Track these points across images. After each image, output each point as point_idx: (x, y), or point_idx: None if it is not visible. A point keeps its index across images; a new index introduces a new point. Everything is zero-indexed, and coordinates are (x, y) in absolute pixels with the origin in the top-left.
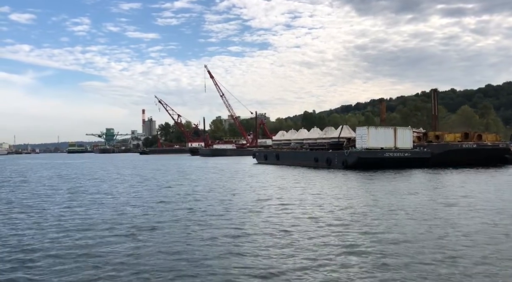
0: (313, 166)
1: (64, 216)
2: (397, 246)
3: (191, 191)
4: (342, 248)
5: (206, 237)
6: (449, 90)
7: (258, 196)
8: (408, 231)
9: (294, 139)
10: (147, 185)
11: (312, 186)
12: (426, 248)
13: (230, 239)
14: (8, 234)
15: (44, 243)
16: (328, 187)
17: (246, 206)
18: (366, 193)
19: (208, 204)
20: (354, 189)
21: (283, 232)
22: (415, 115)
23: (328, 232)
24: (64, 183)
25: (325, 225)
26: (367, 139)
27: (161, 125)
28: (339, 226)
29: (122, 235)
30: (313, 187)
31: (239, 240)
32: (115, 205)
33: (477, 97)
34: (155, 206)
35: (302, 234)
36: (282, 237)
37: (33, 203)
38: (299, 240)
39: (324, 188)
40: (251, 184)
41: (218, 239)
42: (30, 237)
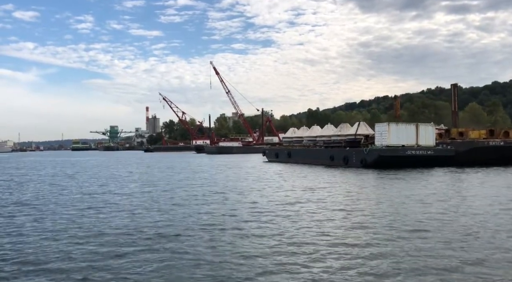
0: (329, 164)
1: (96, 221)
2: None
3: (212, 193)
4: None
5: (242, 246)
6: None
7: (287, 199)
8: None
9: (306, 137)
10: (171, 188)
11: (338, 187)
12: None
13: (283, 249)
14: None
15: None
16: (357, 188)
17: (279, 210)
18: (404, 197)
19: (235, 207)
20: (387, 191)
21: (344, 245)
22: (422, 112)
23: (391, 246)
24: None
25: (381, 238)
26: (387, 136)
27: (165, 123)
28: (399, 239)
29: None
30: (339, 188)
31: (294, 253)
32: (142, 210)
33: (483, 95)
34: (184, 211)
35: (363, 249)
36: (346, 254)
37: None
38: (366, 255)
39: (353, 189)
40: (271, 184)
41: (262, 250)
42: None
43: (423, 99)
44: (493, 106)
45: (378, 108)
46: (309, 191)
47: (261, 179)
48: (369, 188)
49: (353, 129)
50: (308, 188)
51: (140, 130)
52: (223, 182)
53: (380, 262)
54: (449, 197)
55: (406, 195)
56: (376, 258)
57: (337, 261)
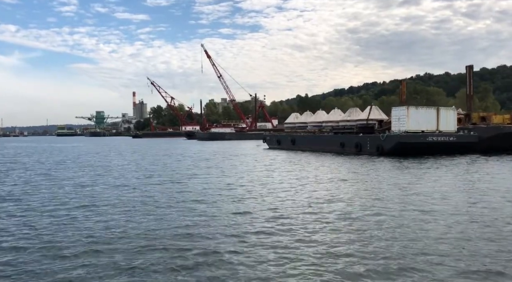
0: (339, 151)
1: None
2: None
3: (227, 185)
4: None
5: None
6: (443, 74)
7: (313, 194)
8: None
9: (311, 122)
10: (173, 176)
11: (365, 178)
12: None
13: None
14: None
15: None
16: (386, 179)
17: (309, 210)
18: (462, 191)
19: (257, 203)
20: (423, 182)
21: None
22: (414, 98)
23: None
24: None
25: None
26: (406, 121)
27: (153, 108)
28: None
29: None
30: (368, 179)
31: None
32: (148, 206)
33: (473, 81)
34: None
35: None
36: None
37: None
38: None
39: (383, 180)
40: (286, 176)
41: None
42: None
43: (414, 85)
44: (484, 92)
45: (367, 94)
46: (341, 183)
47: (276, 169)
48: (420, 183)
49: (364, 114)
50: (339, 180)
51: (127, 116)
52: (238, 172)
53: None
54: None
55: (462, 188)
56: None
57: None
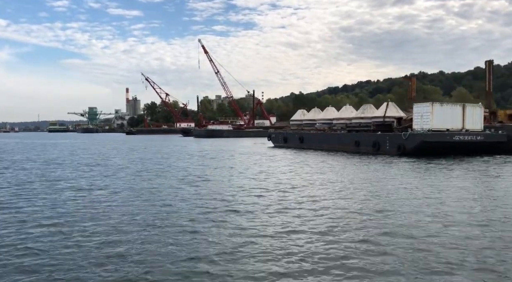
0: (353, 150)
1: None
2: None
3: (252, 189)
4: None
5: None
6: (437, 72)
7: (359, 205)
8: None
9: (320, 119)
10: (186, 179)
11: (410, 185)
12: None
13: None
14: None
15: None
16: (426, 186)
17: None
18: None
19: (297, 215)
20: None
21: None
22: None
23: None
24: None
25: None
26: (430, 118)
27: (147, 105)
28: None
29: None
30: (407, 187)
31: None
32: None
33: (466, 80)
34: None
35: None
36: None
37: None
38: None
39: (422, 187)
40: (311, 179)
41: None
42: None
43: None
44: (480, 91)
45: (362, 92)
46: (379, 191)
47: (292, 170)
48: (466, 189)
49: (380, 111)
50: (374, 186)
51: (120, 112)
52: (256, 174)
53: None
54: None
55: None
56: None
57: None
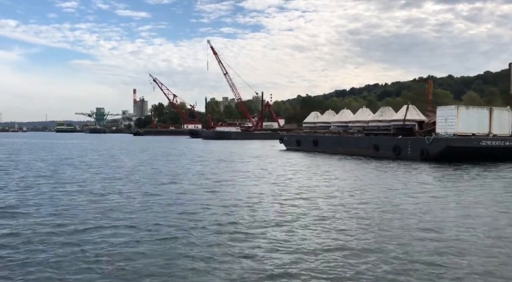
0: (371, 154)
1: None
2: None
3: (274, 197)
4: None
5: None
6: (446, 76)
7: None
8: None
9: (335, 122)
10: (203, 183)
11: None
12: None
13: None
14: None
15: None
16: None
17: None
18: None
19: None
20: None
21: None
22: (420, 100)
23: None
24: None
25: None
26: (455, 122)
27: (154, 106)
28: None
29: None
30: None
31: None
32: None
33: (476, 84)
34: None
35: None
36: None
37: None
38: None
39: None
40: (336, 186)
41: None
42: None
43: (421, 87)
44: (491, 96)
45: (370, 96)
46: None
47: (314, 175)
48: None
49: (399, 114)
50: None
51: (127, 113)
52: (275, 178)
53: None
54: None
55: None
56: None
57: None
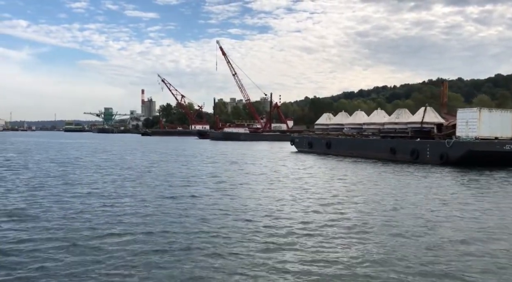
0: (388, 158)
1: None
2: None
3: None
4: None
5: None
6: (456, 79)
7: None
8: None
9: (348, 124)
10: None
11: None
12: None
13: None
14: None
15: None
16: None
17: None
18: None
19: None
20: None
21: None
22: (431, 103)
23: None
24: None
25: None
26: (477, 125)
27: (162, 106)
28: None
29: None
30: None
31: None
32: None
33: (486, 87)
34: None
35: None
36: None
37: None
38: None
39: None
40: (357, 191)
41: None
42: None
43: (432, 89)
44: (503, 99)
45: (378, 98)
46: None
47: (330, 178)
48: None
49: (417, 116)
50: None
51: (135, 113)
52: (294, 183)
53: None
54: None
55: None
56: None
57: None
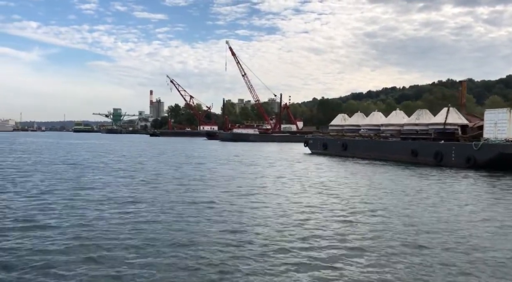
0: (409, 160)
1: None
2: None
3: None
4: None
5: None
6: (466, 80)
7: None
8: None
9: (364, 125)
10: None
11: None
12: None
13: None
14: None
15: None
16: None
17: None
18: None
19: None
20: None
21: None
22: (442, 104)
23: None
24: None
25: None
26: (507, 127)
27: (170, 107)
28: None
29: None
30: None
31: None
32: None
33: (497, 88)
34: None
35: None
36: None
37: None
38: None
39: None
40: (389, 197)
41: None
42: None
43: (443, 91)
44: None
45: (388, 99)
46: None
47: (351, 183)
48: None
49: (439, 117)
50: None
51: (143, 114)
52: (315, 187)
53: None
54: None
55: None
56: None
57: None
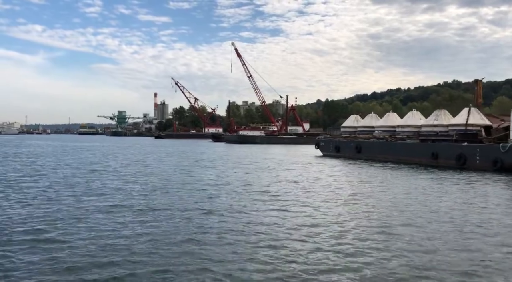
0: (429, 163)
1: None
2: None
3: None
4: None
5: None
6: (471, 81)
7: None
8: None
9: (379, 127)
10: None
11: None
12: None
13: None
14: None
15: None
16: None
17: None
18: None
19: None
20: None
21: None
22: (448, 105)
23: None
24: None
25: None
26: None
27: (175, 109)
28: None
29: None
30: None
31: None
32: None
33: (504, 89)
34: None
35: None
36: None
37: None
38: None
39: None
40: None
41: None
42: None
43: (450, 92)
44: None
45: (393, 100)
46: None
47: (375, 188)
48: None
49: (459, 118)
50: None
51: (148, 116)
52: (337, 194)
53: None
54: None
55: None
56: None
57: None
